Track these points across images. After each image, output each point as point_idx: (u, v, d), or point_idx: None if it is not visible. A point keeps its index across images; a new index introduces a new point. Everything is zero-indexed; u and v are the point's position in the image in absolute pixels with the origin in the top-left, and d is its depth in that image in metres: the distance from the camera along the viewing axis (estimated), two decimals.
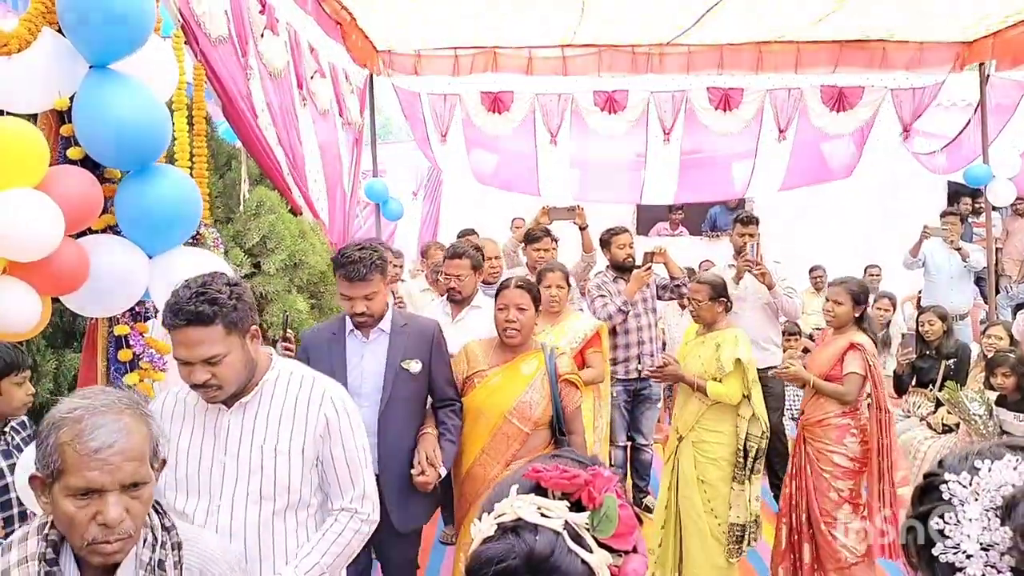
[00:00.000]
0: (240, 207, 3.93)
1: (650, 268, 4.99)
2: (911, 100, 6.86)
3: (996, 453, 1.05)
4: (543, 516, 1.02)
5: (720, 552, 3.86)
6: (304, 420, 2.10)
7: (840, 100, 6.88)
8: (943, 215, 6.77)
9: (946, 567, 1.02)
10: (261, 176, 4.19)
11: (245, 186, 3.98)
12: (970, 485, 1.04)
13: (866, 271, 8.19)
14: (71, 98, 2.11)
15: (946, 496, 1.05)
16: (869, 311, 4.03)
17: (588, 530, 1.02)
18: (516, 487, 1.07)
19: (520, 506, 1.03)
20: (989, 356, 4.70)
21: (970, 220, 8.30)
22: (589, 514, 1.03)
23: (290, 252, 3.98)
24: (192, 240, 2.50)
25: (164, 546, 1.54)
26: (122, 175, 2.26)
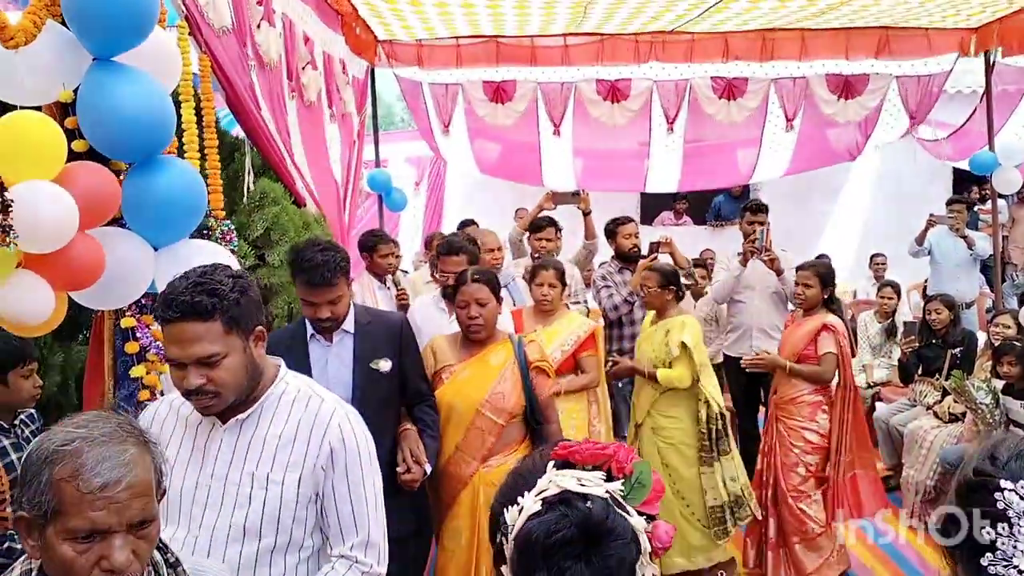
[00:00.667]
0: (244, 198, 3.93)
1: (656, 258, 4.97)
2: (917, 87, 6.82)
3: None
4: (582, 487, 1.06)
5: (692, 532, 3.93)
6: (305, 447, 1.80)
7: (846, 88, 6.84)
8: (949, 203, 6.73)
9: None
10: (264, 167, 4.18)
11: (249, 177, 3.97)
12: None
13: (872, 260, 8.17)
14: (75, 91, 2.10)
15: (1000, 504, 0.99)
16: (837, 297, 4.21)
17: (623, 497, 1.08)
18: (551, 463, 1.11)
19: (562, 479, 1.07)
20: (996, 345, 4.69)
21: (976, 208, 8.27)
22: (623, 481, 1.09)
23: (294, 243, 3.97)
24: (201, 232, 2.49)
25: None
26: (127, 167, 2.25)
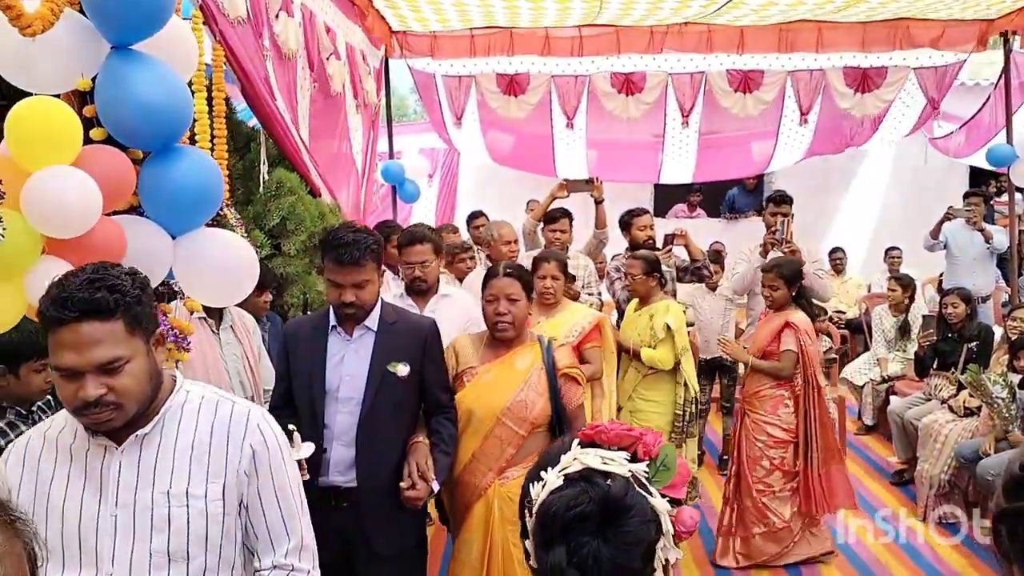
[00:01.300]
0: (260, 188, 3.94)
1: (671, 250, 4.94)
2: (935, 77, 6.76)
3: None
4: (605, 465, 1.09)
5: None
6: (223, 454, 1.62)
7: (864, 81, 6.78)
8: (967, 196, 6.67)
9: None
10: (280, 157, 4.19)
11: (264, 167, 3.99)
12: None
13: (887, 253, 8.11)
14: (93, 79, 2.11)
15: None
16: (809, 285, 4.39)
17: (647, 479, 1.11)
18: (576, 441, 1.14)
19: (586, 457, 1.10)
20: (1013, 339, 4.66)
21: (992, 200, 8.19)
22: (648, 463, 1.12)
23: (310, 233, 3.98)
24: (214, 221, 2.49)
25: None
26: (144, 156, 2.26)
